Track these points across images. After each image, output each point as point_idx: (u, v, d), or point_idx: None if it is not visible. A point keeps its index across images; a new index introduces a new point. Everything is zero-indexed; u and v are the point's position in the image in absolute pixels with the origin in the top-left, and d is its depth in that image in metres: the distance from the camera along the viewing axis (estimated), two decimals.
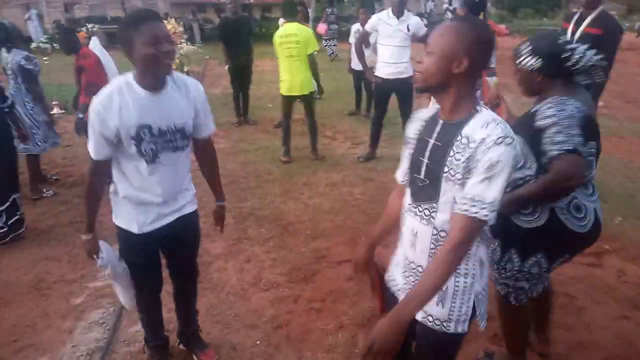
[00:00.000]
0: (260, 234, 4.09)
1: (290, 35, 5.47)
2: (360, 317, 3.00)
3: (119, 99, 1.96)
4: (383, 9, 5.92)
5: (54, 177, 5.43)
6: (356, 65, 7.63)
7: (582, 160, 1.86)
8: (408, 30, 5.28)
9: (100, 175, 2.15)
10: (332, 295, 3.23)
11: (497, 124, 1.42)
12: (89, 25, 11.49)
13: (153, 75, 1.98)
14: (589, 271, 3.48)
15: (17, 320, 3.04)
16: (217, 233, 4.01)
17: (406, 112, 5.63)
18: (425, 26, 5.68)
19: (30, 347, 2.81)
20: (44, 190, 5.02)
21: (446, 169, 1.48)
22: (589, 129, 1.97)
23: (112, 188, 2.22)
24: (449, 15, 17.64)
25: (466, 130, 1.46)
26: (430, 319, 1.63)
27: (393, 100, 5.74)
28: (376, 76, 5.61)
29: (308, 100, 5.86)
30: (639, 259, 3.64)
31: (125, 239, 2.27)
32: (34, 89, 4.73)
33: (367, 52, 6.06)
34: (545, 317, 2.59)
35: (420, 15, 10.30)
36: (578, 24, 4.03)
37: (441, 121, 1.56)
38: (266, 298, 3.23)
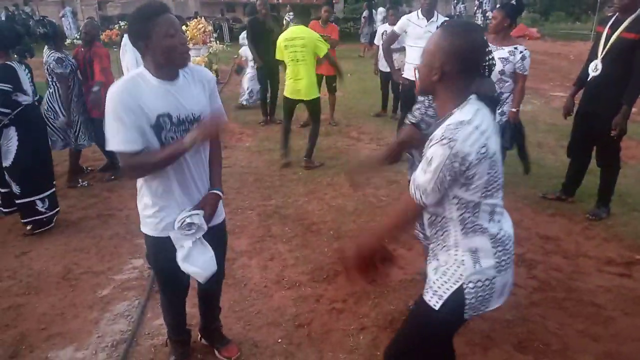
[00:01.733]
0: (284, 233, 4.11)
1: (296, 39, 5.39)
2: (382, 319, 2.98)
3: (136, 87, 1.94)
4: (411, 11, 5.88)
5: (88, 170, 5.59)
6: (383, 66, 7.60)
7: None
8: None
9: (137, 160, 1.98)
10: (354, 297, 3.22)
11: (448, 125, 1.51)
12: (122, 23, 11.69)
13: (171, 67, 1.98)
14: (619, 281, 3.39)
15: (46, 309, 3.12)
16: (242, 230, 4.07)
17: None
18: None
19: (58, 336, 2.87)
20: (80, 180, 5.21)
21: None
22: None
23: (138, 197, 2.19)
24: (480, 17, 17.50)
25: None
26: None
27: None
28: (404, 77, 5.58)
29: (312, 105, 5.73)
30: None
31: (153, 244, 2.23)
32: (63, 91, 4.83)
33: (395, 55, 6.02)
34: None
35: (450, 17, 10.20)
36: (614, 28, 3.93)
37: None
38: (288, 296, 3.24)
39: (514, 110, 4.12)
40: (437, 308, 1.69)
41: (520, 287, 3.29)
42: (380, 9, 16.16)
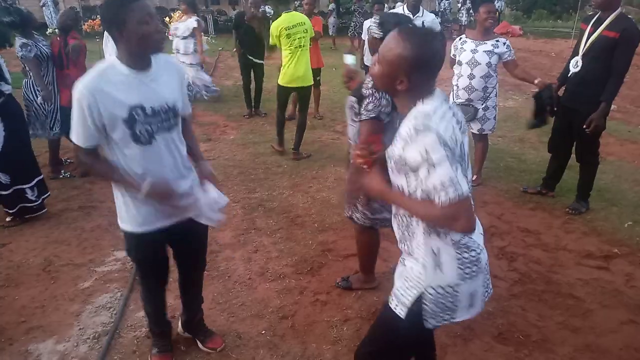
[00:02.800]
0: (268, 225, 4.11)
1: (298, 25, 5.41)
2: (365, 311, 3.01)
3: (105, 81, 1.90)
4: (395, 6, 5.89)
5: (69, 161, 5.50)
6: (368, 61, 7.60)
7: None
8: (423, 27, 5.25)
9: (93, 157, 2.02)
10: (337, 288, 3.24)
11: (415, 116, 1.52)
12: None
13: (145, 54, 1.96)
14: (597, 274, 3.46)
15: (26, 302, 3.08)
16: (226, 222, 4.05)
17: None
18: (440, 24, 5.66)
19: (39, 329, 2.84)
20: (62, 171, 5.15)
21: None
22: None
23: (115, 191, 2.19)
24: (464, 14, 17.58)
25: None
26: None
27: None
28: None
29: (307, 92, 5.77)
30: None
31: (133, 237, 2.21)
32: (34, 72, 4.68)
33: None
34: None
35: (435, 13, 10.23)
36: (596, 26, 3.99)
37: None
38: (272, 288, 3.24)
39: (539, 79, 4.25)
40: (402, 316, 1.67)
41: (501, 280, 3.34)
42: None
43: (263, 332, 2.83)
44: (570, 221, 4.25)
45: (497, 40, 4.38)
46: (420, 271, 1.62)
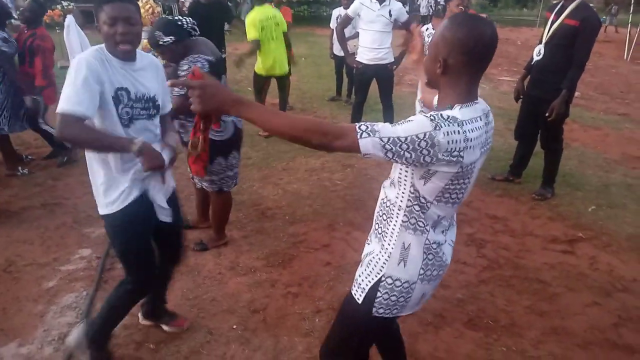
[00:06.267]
0: (238, 219, 4.06)
1: (270, 18, 5.77)
2: (337, 302, 3.00)
3: (101, 59, 2.01)
4: None
5: (29, 158, 5.29)
6: (338, 50, 7.57)
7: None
8: (390, 15, 5.25)
9: (82, 125, 1.93)
10: (309, 280, 3.23)
11: (442, 112, 1.38)
12: (65, 3, 11.08)
13: (112, 51, 2.04)
14: (563, 258, 3.54)
15: None
16: (193, 217, 3.98)
17: (387, 98, 5.67)
18: (407, 13, 5.66)
19: (0, 332, 2.74)
20: (19, 168, 4.92)
21: None
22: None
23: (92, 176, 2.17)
24: (428, 3, 17.62)
25: None
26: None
27: (374, 86, 5.71)
28: (357, 61, 5.58)
29: (284, 79, 6.30)
30: (610, 247, 3.72)
31: (116, 219, 2.17)
32: (10, 72, 4.57)
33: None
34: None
35: (403, 2, 10.20)
36: (559, 14, 4.06)
37: None
38: (243, 282, 3.21)
39: None
40: (360, 301, 1.65)
41: (470, 266, 3.39)
42: None
43: (234, 327, 2.80)
44: (536, 207, 4.34)
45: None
46: (385, 259, 1.60)
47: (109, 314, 2.41)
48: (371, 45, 5.38)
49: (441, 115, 1.36)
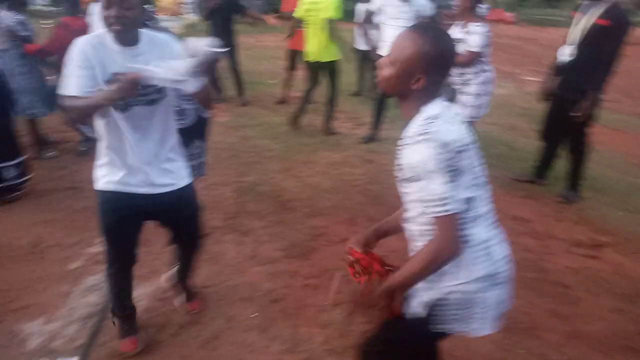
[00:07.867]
0: (259, 209, 4.08)
1: (315, 3, 5.71)
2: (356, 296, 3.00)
3: (100, 44, 2.03)
4: None
5: (55, 141, 5.38)
6: (360, 45, 7.53)
7: None
8: (415, 11, 5.22)
9: (74, 99, 1.98)
10: (328, 273, 3.23)
11: (418, 122, 1.50)
12: None
13: (112, 33, 2.02)
14: (586, 263, 3.49)
15: (12, 283, 3.03)
16: (216, 206, 4.02)
17: None
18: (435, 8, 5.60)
19: (26, 309, 2.80)
20: (47, 151, 5.03)
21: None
22: None
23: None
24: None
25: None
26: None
27: None
28: (380, 56, 5.53)
29: (328, 68, 6.08)
30: (636, 254, 3.65)
31: (103, 196, 2.29)
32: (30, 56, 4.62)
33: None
34: None
35: None
36: (588, 14, 3.98)
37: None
38: (263, 272, 3.23)
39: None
40: (421, 316, 1.65)
41: None
42: None
43: (252, 315, 2.82)
44: (561, 210, 4.28)
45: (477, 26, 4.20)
46: (441, 273, 1.57)
47: (109, 284, 2.52)
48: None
49: (420, 124, 1.47)
